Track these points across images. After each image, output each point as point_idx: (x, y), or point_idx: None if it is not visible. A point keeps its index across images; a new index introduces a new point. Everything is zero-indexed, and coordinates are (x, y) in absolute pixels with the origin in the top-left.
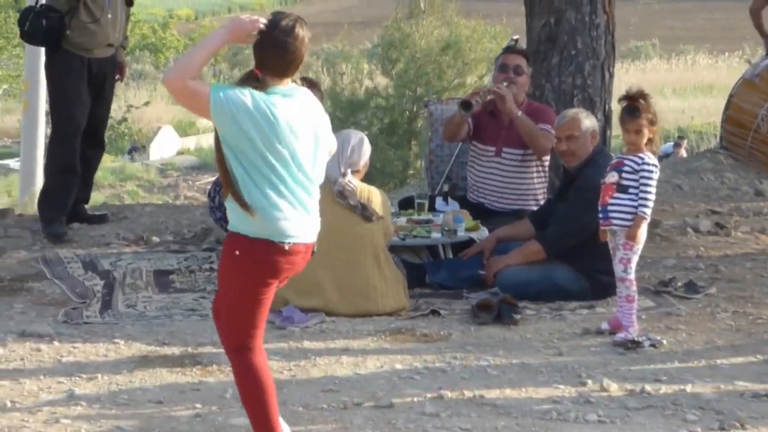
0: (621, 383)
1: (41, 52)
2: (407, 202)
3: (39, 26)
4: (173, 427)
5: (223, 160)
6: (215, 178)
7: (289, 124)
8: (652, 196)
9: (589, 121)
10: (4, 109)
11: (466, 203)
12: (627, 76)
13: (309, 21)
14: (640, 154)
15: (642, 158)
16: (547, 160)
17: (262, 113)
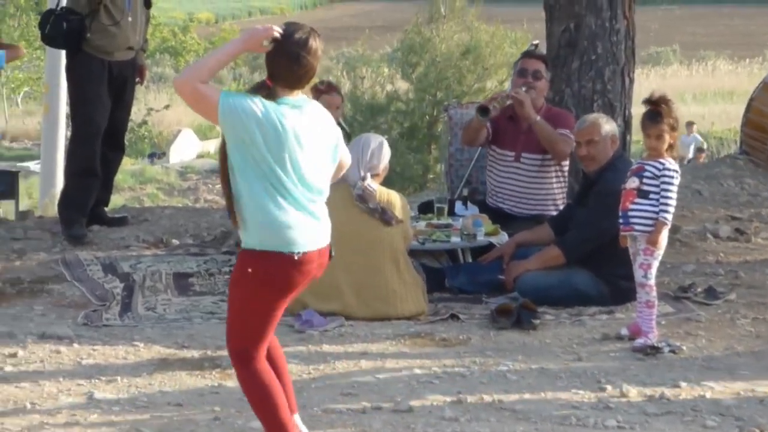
0: (640, 389)
1: (62, 55)
2: (427, 206)
3: (60, 29)
4: (192, 430)
5: (226, 172)
6: None
7: (296, 134)
8: (673, 202)
9: (609, 126)
10: (25, 111)
11: (485, 207)
12: (647, 82)
13: (330, 25)
14: (661, 160)
15: (663, 164)
16: (567, 165)
17: (270, 122)
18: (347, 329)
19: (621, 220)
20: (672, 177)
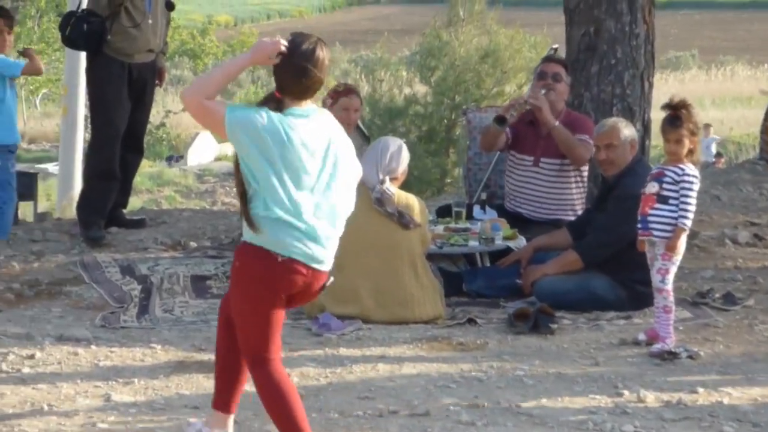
0: (658, 394)
1: (81, 57)
2: (445, 210)
3: (80, 31)
4: None
5: (239, 174)
6: None
7: (304, 144)
8: (693, 207)
9: (628, 131)
10: (44, 113)
11: (503, 211)
12: (666, 86)
13: (348, 28)
14: (681, 165)
15: (683, 169)
16: (586, 170)
17: (276, 134)
18: (365, 333)
19: (640, 225)
20: (692, 183)
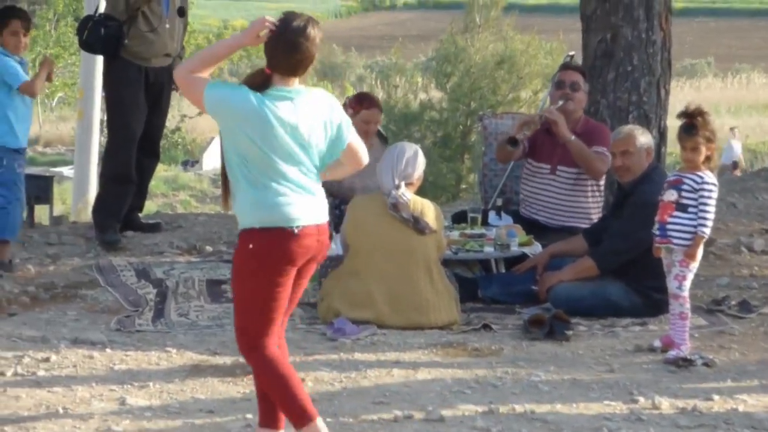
0: (673, 401)
1: (97, 61)
2: (460, 216)
3: (98, 35)
4: None
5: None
6: None
7: (283, 121)
8: (712, 216)
9: (644, 138)
10: (59, 116)
11: (519, 218)
12: (682, 94)
13: (364, 33)
14: (700, 173)
15: (702, 177)
16: (603, 179)
17: (256, 111)
18: (380, 338)
19: (658, 232)
20: (711, 191)
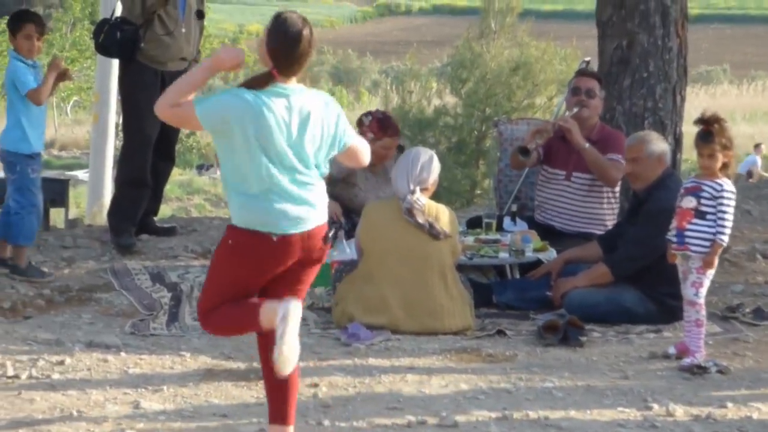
0: (687, 408)
1: (113, 65)
2: (475, 222)
3: (114, 38)
4: None
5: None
6: None
7: (279, 121)
8: (730, 223)
9: (655, 146)
10: (75, 120)
11: (534, 223)
12: (697, 100)
13: (379, 39)
14: (719, 180)
15: (721, 185)
16: (618, 186)
17: (249, 105)
18: (394, 343)
19: (675, 239)
20: (730, 199)
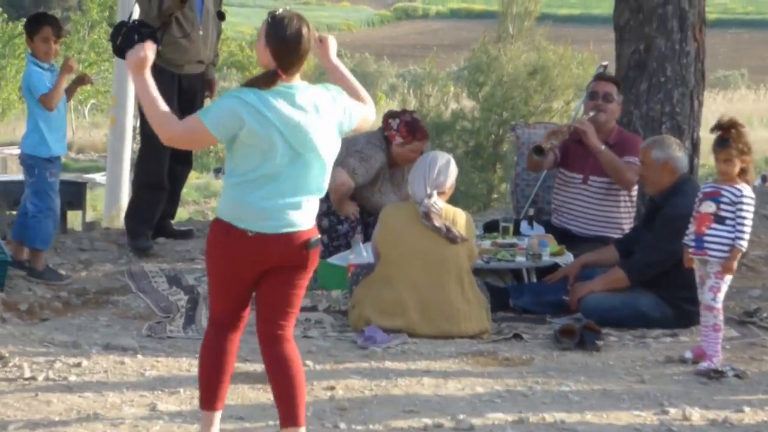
0: (703, 412)
1: None
2: (492, 226)
3: (131, 41)
4: None
5: None
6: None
7: (285, 119)
8: (749, 229)
9: (662, 151)
10: (92, 123)
11: (551, 228)
12: (714, 105)
13: (397, 42)
14: (738, 186)
15: (740, 190)
16: (636, 190)
17: (253, 111)
18: (410, 346)
19: (693, 243)
20: (749, 204)
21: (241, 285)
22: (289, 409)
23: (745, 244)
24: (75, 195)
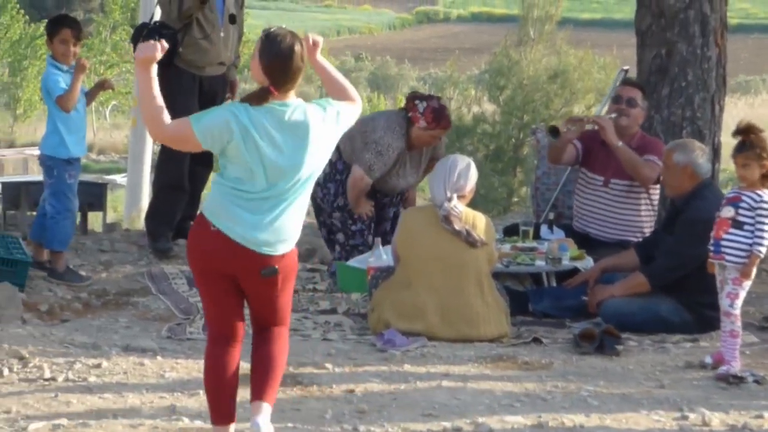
0: (723, 417)
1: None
2: (512, 229)
3: None
4: None
5: None
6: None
7: (273, 138)
8: None
9: (683, 156)
10: (113, 124)
11: (571, 232)
12: (735, 110)
13: (418, 46)
14: (758, 191)
15: (760, 195)
16: (657, 193)
17: (242, 129)
18: (429, 350)
19: (712, 248)
20: None
21: (220, 284)
22: (259, 382)
23: (763, 250)
24: (96, 196)
